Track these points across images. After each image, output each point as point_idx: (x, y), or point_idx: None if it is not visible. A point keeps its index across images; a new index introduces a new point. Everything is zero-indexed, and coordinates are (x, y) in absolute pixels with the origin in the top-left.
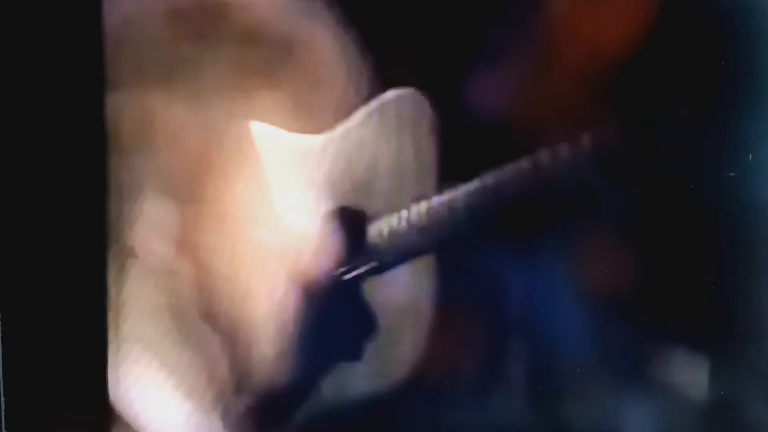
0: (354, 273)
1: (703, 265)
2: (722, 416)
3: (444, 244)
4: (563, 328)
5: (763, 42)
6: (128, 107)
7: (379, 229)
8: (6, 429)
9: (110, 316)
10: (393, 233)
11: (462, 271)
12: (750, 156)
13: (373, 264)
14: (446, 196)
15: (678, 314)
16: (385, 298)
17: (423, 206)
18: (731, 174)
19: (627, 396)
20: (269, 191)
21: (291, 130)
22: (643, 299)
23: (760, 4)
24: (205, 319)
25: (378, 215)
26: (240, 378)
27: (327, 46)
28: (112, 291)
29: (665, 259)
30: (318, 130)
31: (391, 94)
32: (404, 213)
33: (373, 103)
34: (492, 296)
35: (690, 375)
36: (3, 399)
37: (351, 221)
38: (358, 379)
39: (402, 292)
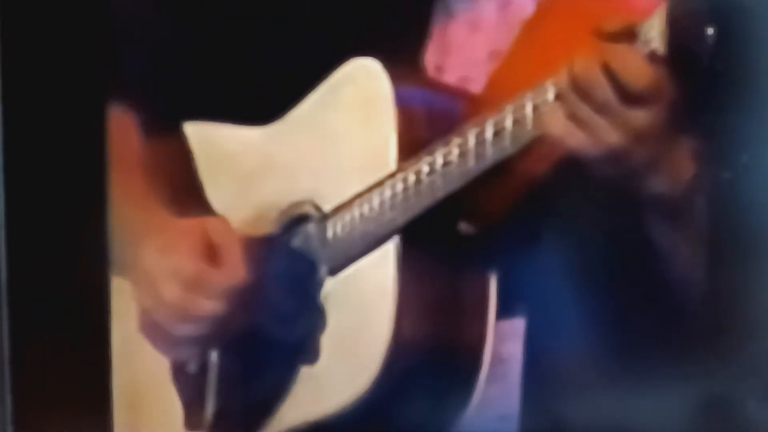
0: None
1: (700, 265)
2: (721, 415)
3: (407, 230)
4: (553, 322)
5: (758, 42)
6: None
7: (335, 224)
8: (13, 424)
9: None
10: (352, 225)
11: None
12: (744, 157)
13: (330, 264)
14: (411, 177)
15: (676, 314)
16: (346, 296)
17: (385, 190)
18: (726, 175)
19: (625, 395)
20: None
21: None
22: (642, 299)
23: (757, 4)
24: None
25: (335, 207)
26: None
27: None
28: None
29: (663, 259)
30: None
31: (345, 67)
32: (365, 200)
33: (327, 81)
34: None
35: (689, 374)
36: (11, 396)
37: (303, 219)
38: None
39: (365, 288)
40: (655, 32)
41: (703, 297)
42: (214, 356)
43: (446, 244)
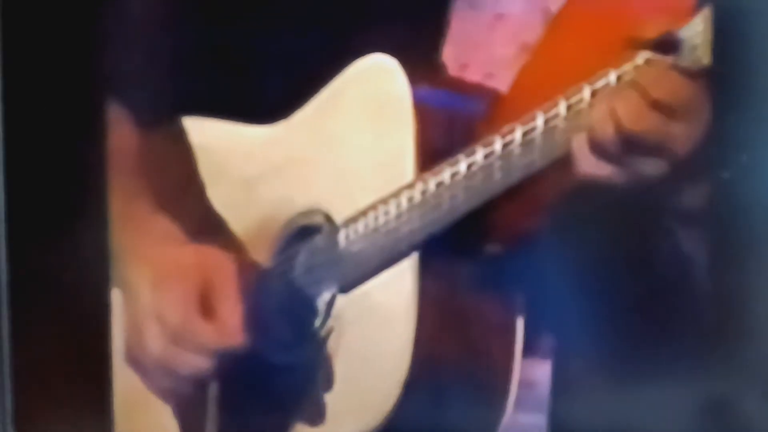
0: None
1: (700, 265)
2: (721, 416)
3: (427, 244)
4: (559, 326)
5: (758, 42)
6: None
7: (347, 236)
8: (13, 424)
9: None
10: (365, 239)
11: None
12: (744, 156)
13: (341, 280)
14: (431, 188)
15: (677, 314)
16: (360, 316)
17: (402, 201)
18: (726, 174)
19: (626, 395)
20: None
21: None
22: (642, 299)
23: (758, 4)
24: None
25: (347, 218)
26: None
27: None
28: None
29: (663, 259)
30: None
31: (359, 64)
32: (380, 212)
33: (338, 79)
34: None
35: (689, 374)
36: (11, 396)
37: (311, 230)
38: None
39: (380, 308)
40: (698, 40)
41: (705, 298)
42: (213, 387)
43: (470, 263)
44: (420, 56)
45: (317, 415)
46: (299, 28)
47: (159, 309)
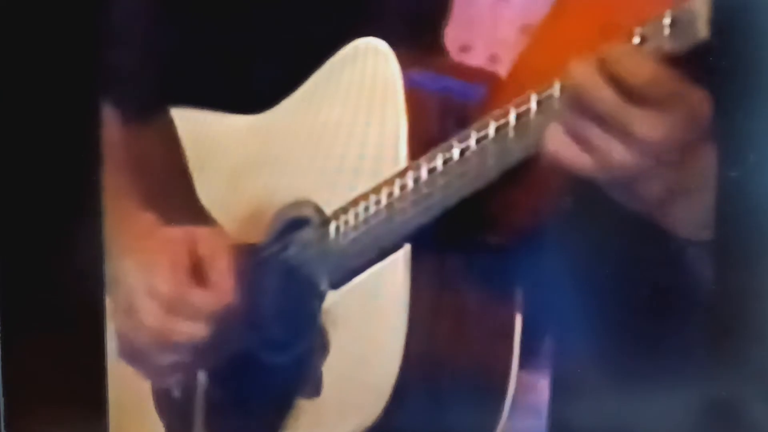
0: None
1: (705, 266)
2: (725, 420)
3: (421, 235)
4: (560, 326)
5: (764, 39)
6: None
7: (337, 228)
8: (5, 429)
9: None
10: (356, 230)
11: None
12: (751, 155)
13: (332, 275)
14: (423, 175)
15: (677, 313)
16: (351, 312)
17: (394, 189)
18: (732, 173)
19: (628, 399)
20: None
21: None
22: (645, 299)
23: (761, 3)
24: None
25: (337, 209)
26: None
27: None
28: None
29: (665, 258)
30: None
31: (348, 48)
32: (371, 201)
33: (328, 64)
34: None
35: (693, 377)
36: (2, 399)
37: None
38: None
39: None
40: (697, 17)
41: (710, 299)
42: (201, 380)
43: (466, 256)
44: (420, 39)
45: (315, 388)
46: (287, 12)
47: (153, 284)
